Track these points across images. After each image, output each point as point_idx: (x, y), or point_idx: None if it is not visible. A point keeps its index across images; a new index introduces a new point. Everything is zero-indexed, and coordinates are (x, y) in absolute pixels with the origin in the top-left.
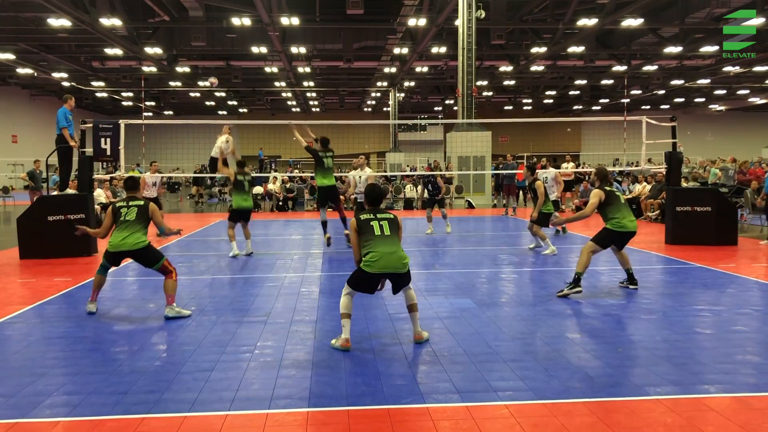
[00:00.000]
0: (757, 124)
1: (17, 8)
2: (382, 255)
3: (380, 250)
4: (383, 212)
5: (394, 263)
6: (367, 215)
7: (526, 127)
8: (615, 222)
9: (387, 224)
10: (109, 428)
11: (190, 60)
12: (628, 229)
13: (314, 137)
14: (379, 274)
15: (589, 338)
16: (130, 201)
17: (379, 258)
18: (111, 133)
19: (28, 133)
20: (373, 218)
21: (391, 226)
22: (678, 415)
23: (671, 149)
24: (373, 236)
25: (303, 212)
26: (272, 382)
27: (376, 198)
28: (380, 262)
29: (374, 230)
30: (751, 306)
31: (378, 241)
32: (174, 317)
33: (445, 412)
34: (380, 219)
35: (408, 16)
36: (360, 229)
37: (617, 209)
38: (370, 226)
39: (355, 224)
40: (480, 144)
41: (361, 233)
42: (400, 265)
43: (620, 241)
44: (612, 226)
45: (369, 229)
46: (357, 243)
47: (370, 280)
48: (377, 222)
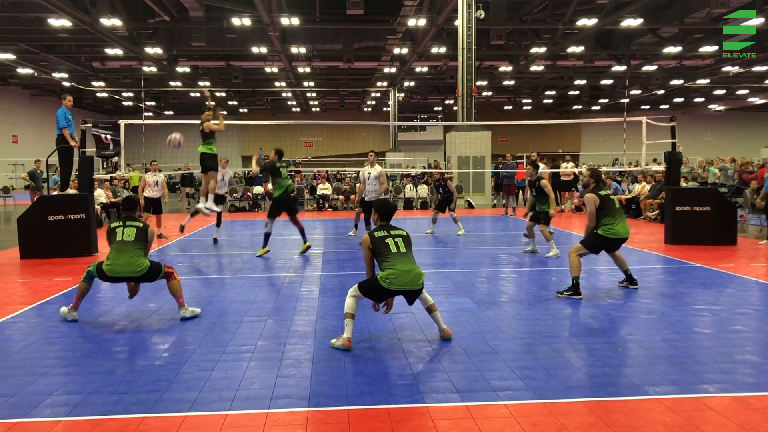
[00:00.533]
0: (757, 124)
1: (17, 8)
2: (401, 273)
3: (399, 267)
4: (396, 229)
5: (412, 280)
6: (381, 232)
7: (526, 127)
8: (606, 228)
9: (402, 241)
10: (109, 428)
11: (191, 60)
12: (620, 235)
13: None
14: (396, 291)
15: (589, 338)
16: (128, 221)
17: (399, 276)
18: (111, 132)
19: (28, 133)
20: (388, 235)
21: (405, 243)
22: (677, 414)
23: (671, 149)
24: (390, 253)
25: (303, 212)
26: (272, 382)
27: (387, 213)
28: (399, 279)
29: (390, 248)
30: (751, 306)
31: (396, 259)
32: (190, 317)
33: (445, 411)
34: (395, 236)
35: (408, 16)
36: (375, 248)
37: (611, 214)
38: (385, 243)
39: (369, 241)
40: (480, 144)
41: (377, 251)
42: (418, 282)
43: (611, 246)
44: (603, 231)
45: (385, 247)
46: (370, 260)
47: (384, 294)
48: (392, 240)
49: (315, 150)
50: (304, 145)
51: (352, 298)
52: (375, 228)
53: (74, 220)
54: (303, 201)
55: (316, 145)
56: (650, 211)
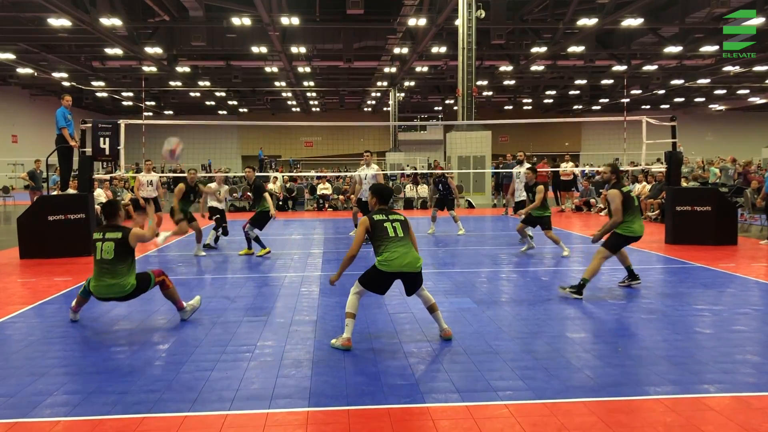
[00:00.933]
0: (757, 124)
1: (17, 8)
2: (399, 255)
3: (396, 251)
4: (394, 213)
5: (410, 263)
6: (379, 216)
7: (526, 127)
8: (625, 227)
9: (399, 225)
10: (109, 428)
11: (190, 60)
12: (637, 234)
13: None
14: (394, 273)
15: (589, 338)
16: (107, 232)
17: (396, 258)
18: (110, 133)
19: (28, 133)
20: (386, 219)
21: (403, 227)
22: (678, 414)
23: (671, 149)
24: (387, 237)
25: (303, 212)
26: (272, 382)
27: (386, 196)
28: (396, 261)
29: (388, 232)
30: (751, 306)
31: (393, 243)
32: (191, 313)
33: (445, 411)
34: (392, 220)
35: (408, 16)
36: (373, 230)
37: (631, 213)
38: (383, 227)
39: (368, 222)
40: (480, 144)
41: (374, 235)
42: (416, 265)
43: (628, 244)
44: (622, 230)
45: (383, 231)
46: (360, 238)
47: (384, 280)
48: (390, 224)
49: (315, 150)
50: (304, 145)
51: (355, 295)
52: (374, 211)
53: (74, 220)
54: (303, 201)
55: (316, 145)
56: (651, 211)
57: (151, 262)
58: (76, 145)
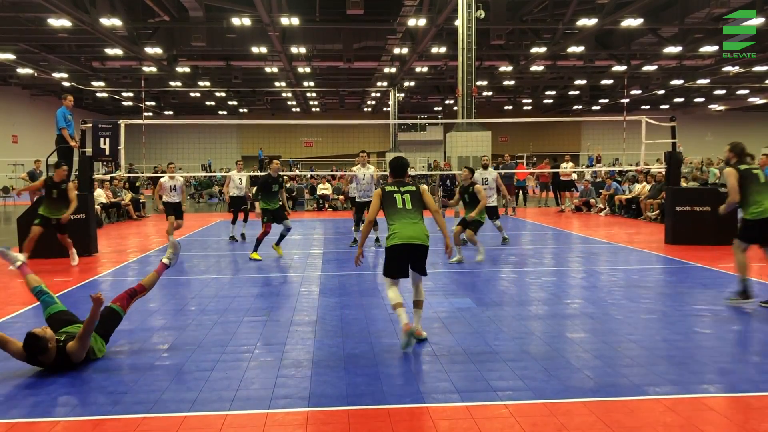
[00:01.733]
0: (757, 124)
1: (17, 8)
2: (405, 226)
3: (402, 222)
4: (406, 185)
5: (417, 235)
6: (391, 187)
7: (526, 127)
8: (751, 210)
9: (409, 197)
10: (109, 428)
11: (190, 60)
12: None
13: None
14: (402, 245)
15: (589, 338)
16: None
17: (402, 229)
18: (110, 133)
19: (28, 133)
20: (397, 191)
21: (413, 199)
22: (677, 414)
23: (671, 149)
24: (395, 210)
25: (303, 212)
26: (272, 382)
27: (400, 169)
28: (402, 232)
29: (397, 203)
30: (751, 305)
31: (400, 215)
32: (172, 256)
33: (445, 411)
34: (403, 192)
35: (408, 16)
36: (384, 201)
37: (756, 192)
38: (393, 198)
39: (380, 194)
40: (480, 144)
41: (385, 205)
42: (423, 237)
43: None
44: (749, 215)
45: (392, 202)
46: (375, 209)
47: (396, 258)
48: (400, 195)
49: (315, 150)
50: (304, 145)
51: (390, 288)
52: (387, 183)
53: (74, 220)
54: (303, 201)
55: (316, 145)
56: (650, 211)
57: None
58: (76, 145)
